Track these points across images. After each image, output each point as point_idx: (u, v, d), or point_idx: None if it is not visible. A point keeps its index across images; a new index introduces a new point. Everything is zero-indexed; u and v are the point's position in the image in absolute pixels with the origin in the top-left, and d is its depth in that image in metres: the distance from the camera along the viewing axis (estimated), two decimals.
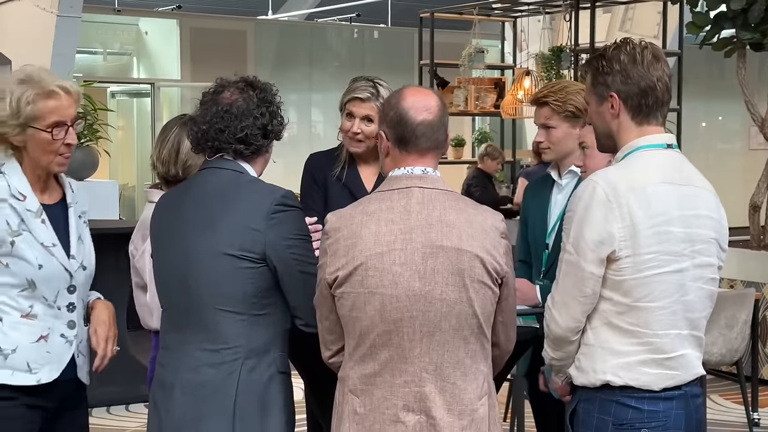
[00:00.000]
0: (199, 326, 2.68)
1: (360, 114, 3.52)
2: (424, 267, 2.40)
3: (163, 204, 2.87)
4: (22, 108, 2.73)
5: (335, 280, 2.45)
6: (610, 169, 2.60)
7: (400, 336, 2.41)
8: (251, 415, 2.65)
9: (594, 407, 2.55)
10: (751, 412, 5.82)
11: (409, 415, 2.41)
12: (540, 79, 8.85)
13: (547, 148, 3.44)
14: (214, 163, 2.76)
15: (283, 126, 2.82)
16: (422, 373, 2.41)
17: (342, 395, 2.50)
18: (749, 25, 7.03)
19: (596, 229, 2.48)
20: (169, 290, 2.78)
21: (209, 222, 2.68)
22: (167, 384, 2.74)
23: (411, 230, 2.42)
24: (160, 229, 2.82)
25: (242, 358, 2.64)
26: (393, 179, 2.51)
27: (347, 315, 2.45)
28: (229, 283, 2.65)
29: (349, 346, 2.49)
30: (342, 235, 2.45)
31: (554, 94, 3.40)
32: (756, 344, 6.01)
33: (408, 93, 2.52)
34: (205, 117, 2.74)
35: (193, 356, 2.68)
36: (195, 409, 2.67)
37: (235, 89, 2.76)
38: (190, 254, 2.69)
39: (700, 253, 2.55)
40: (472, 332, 2.45)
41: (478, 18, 9.66)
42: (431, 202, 2.45)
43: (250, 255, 2.64)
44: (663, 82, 2.59)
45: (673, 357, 2.54)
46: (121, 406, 6.20)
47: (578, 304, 2.53)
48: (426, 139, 2.49)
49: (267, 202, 2.65)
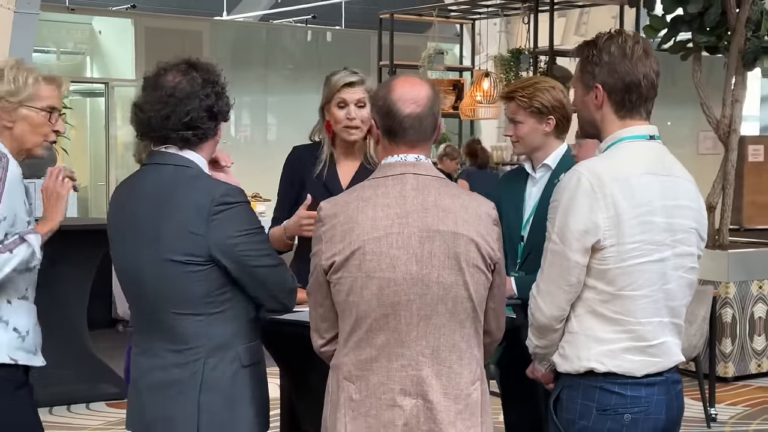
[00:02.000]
0: (160, 328, 2.67)
1: (353, 99, 3.47)
2: (421, 250, 2.42)
3: (114, 201, 2.80)
4: (21, 87, 2.83)
5: (332, 265, 2.45)
6: (594, 160, 2.63)
7: (398, 319, 2.42)
8: (217, 411, 2.63)
9: (578, 393, 2.59)
10: (708, 407, 5.92)
11: (406, 399, 2.42)
12: (499, 81, 8.92)
13: (517, 141, 3.49)
14: (157, 158, 2.68)
15: (230, 106, 2.72)
16: (419, 357, 2.43)
17: (336, 383, 2.49)
18: (705, 28, 7.16)
19: (581, 218, 2.51)
20: (129, 293, 2.76)
21: (151, 228, 2.62)
22: (137, 384, 2.73)
23: (407, 214, 2.43)
24: (112, 231, 2.76)
25: (203, 357, 2.62)
26: (387, 166, 2.52)
27: (344, 300, 2.46)
28: (179, 287, 2.61)
29: (344, 332, 2.49)
30: (338, 221, 2.45)
31: (522, 90, 3.45)
32: (713, 341, 6.12)
33: (398, 84, 2.53)
34: (148, 103, 2.62)
35: (161, 356, 2.67)
36: (163, 409, 2.66)
37: (177, 72, 2.64)
38: (138, 261, 2.66)
39: (680, 242, 2.60)
40: (468, 316, 2.47)
41: (437, 20, 9.71)
42: (426, 187, 2.47)
43: (195, 258, 2.59)
44: (649, 79, 2.62)
45: (655, 344, 2.58)
46: (82, 405, 6.12)
47: (563, 292, 2.55)
48: (414, 132, 2.49)
49: (206, 203, 2.58)
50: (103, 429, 5.75)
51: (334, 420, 2.48)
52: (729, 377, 6.93)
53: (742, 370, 7.01)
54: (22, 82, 2.85)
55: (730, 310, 6.89)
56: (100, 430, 5.74)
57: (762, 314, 7.06)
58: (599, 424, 2.56)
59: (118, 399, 6.06)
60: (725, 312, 6.87)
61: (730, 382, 6.92)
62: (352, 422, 2.44)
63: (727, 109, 7.15)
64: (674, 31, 7.32)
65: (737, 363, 6.98)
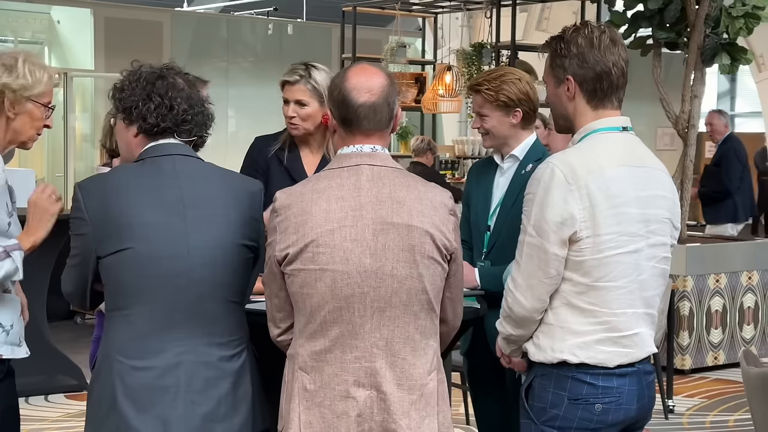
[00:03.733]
0: (204, 320, 2.58)
1: (291, 98, 3.54)
2: (375, 243, 2.42)
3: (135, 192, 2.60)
4: (37, 82, 2.89)
5: (285, 257, 2.44)
6: (567, 152, 2.64)
7: (351, 312, 2.42)
8: (261, 401, 2.67)
9: (550, 382, 2.60)
10: (666, 399, 5.99)
11: (360, 390, 2.42)
12: (461, 75, 8.95)
13: (485, 134, 3.48)
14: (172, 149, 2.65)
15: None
16: (373, 349, 2.43)
17: (291, 373, 2.49)
18: (665, 24, 7.22)
19: (557, 210, 2.52)
20: (148, 290, 2.56)
21: (217, 212, 2.60)
22: (169, 387, 2.54)
23: (361, 207, 2.43)
24: (145, 222, 2.56)
25: (245, 347, 2.66)
26: (342, 157, 2.51)
27: (298, 292, 2.45)
28: (242, 273, 2.64)
29: (299, 323, 2.49)
30: (292, 212, 2.45)
31: (488, 83, 3.40)
32: (671, 334, 6.19)
33: (352, 73, 2.51)
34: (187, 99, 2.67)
35: (200, 352, 2.57)
36: (216, 405, 2.57)
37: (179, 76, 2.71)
38: (205, 244, 2.58)
39: (654, 232, 2.62)
40: (422, 308, 2.47)
41: (400, 13, 9.72)
42: (381, 179, 2.46)
43: (254, 244, 2.66)
44: (618, 67, 2.64)
45: (628, 335, 2.60)
46: (40, 397, 6.07)
47: (543, 285, 2.57)
48: (368, 121, 2.48)
49: (257, 191, 2.70)
50: (62, 421, 5.70)
51: (288, 409, 2.48)
52: (686, 369, 7.01)
53: (699, 363, 7.09)
54: (38, 77, 2.89)
55: (687, 304, 6.97)
56: (59, 421, 5.69)
57: (719, 308, 7.14)
58: (570, 413, 2.58)
59: (77, 391, 6.02)
60: (683, 305, 6.95)
61: (688, 375, 7.00)
62: (306, 412, 2.44)
63: (686, 104, 7.21)
64: (635, 27, 7.38)
65: (694, 355, 7.06)
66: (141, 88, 2.64)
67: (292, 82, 3.52)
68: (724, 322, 7.17)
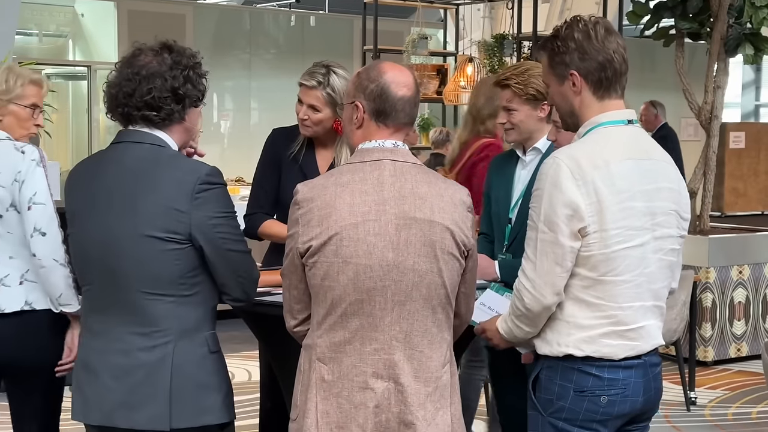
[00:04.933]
0: (125, 309, 2.61)
1: (306, 102, 3.55)
2: (398, 238, 2.44)
3: (76, 179, 2.74)
4: (11, 87, 3.35)
5: (308, 249, 2.46)
6: (572, 146, 2.65)
7: (372, 305, 2.44)
8: (187, 397, 2.61)
9: (556, 375, 2.62)
10: (688, 391, 5.98)
11: (378, 381, 2.45)
12: (483, 66, 8.93)
13: (510, 128, 3.48)
14: (131, 136, 2.67)
15: (201, 93, 2.71)
16: (392, 341, 2.46)
17: (308, 363, 2.52)
18: (688, 15, 7.18)
19: (567, 203, 2.53)
20: (90, 271, 2.68)
21: (130, 202, 2.59)
22: (92, 367, 2.66)
23: (384, 202, 2.46)
24: (76, 207, 2.70)
25: (174, 340, 2.60)
26: (364, 152, 2.53)
27: (319, 284, 2.47)
28: (155, 265, 2.58)
29: (318, 314, 2.51)
30: (315, 205, 2.47)
31: (516, 77, 3.42)
32: (693, 326, 6.17)
33: (387, 67, 2.58)
34: (116, 80, 2.66)
35: (122, 340, 2.61)
36: (128, 394, 2.60)
37: (150, 52, 2.67)
38: (111, 236, 2.61)
39: (660, 225, 2.62)
40: (440, 302, 2.50)
41: (421, 5, 9.71)
42: (403, 174, 2.49)
43: (175, 236, 2.57)
44: (619, 54, 2.65)
45: (634, 328, 2.61)
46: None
47: (561, 279, 2.57)
48: (405, 114, 2.55)
49: (191, 181, 2.57)
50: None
51: (305, 399, 2.50)
52: (709, 361, 7.00)
53: (721, 355, 7.07)
54: (12, 83, 3.34)
55: (710, 295, 6.95)
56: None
57: (741, 299, 7.12)
58: (576, 405, 2.60)
59: None
60: (705, 297, 6.92)
61: (710, 366, 6.99)
62: (324, 402, 2.47)
63: (709, 95, 7.18)
64: (657, 18, 7.34)
65: (717, 347, 7.04)
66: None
67: (309, 86, 3.53)
68: (747, 313, 7.14)
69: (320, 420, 2.47)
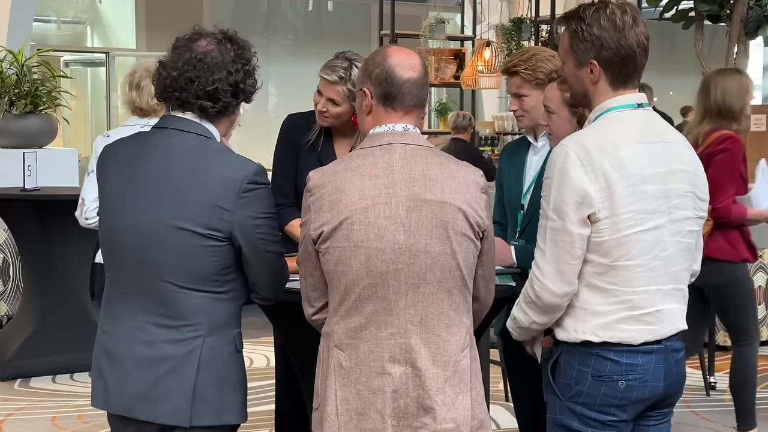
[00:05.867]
0: (153, 299, 2.56)
1: (326, 95, 3.52)
2: (409, 220, 2.43)
3: (115, 160, 2.65)
4: None
5: (320, 235, 2.46)
6: (581, 133, 2.63)
7: (386, 289, 2.44)
8: (210, 393, 2.57)
9: (574, 359, 2.62)
10: (707, 376, 5.95)
11: (395, 366, 2.44)
12: (500, 50, 8.90)
13: (522, 115, 3.47)
14: (177, 123, 2.59)
15: (256, 89, 2.67)
16: (408, 325, 2.45)
17: (327, 350, 2.52)
18: None
19: (575, 190, 2.52)
20: (120, 257, 2.61)
21: (173, 193, 2.53)
22: (116, 356, 2.60)
23: (395, 184, 2.45)
24: (114, 187, 2.62)
25: (203, 336, 2.56)
26: (374, 136, 2.53)
27: (332, 270, 2.47)
28: (191, 260, 2.53)
29: (334, 301, 2.50)
30: (326, 190, 2.47)
31: (524, 62, 3.41)
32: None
33: (392, 51, 2.57)
34: (177, 63, 2.56)
35: (147, 330, 2.56)
36: (150, 386, 2.56)
37: (213, 39, 2.60)
38: (149, 225, 2.54)
39: (676, 207, 2.61)
40: (456, 284, 2.48)
41: None
42: (413, 157, 2.48)
43: (216, 233, 2.52)
44: (642, 47, 2.62)
45: (651, 312, 2.59)
46: (85, 373, 6.12)
47: (571, 267, 2.56)
48: (412, 97, 2.53)
49: (238, 179, 2.52)
50: None
51: (324, 387, 2.50)
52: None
53: None
54: None
55: None
56: None
57: (762, 283, 7.07)
58: (594, 389, 2.59)
59: None
60: None
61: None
62: (343, 389, 2.46)
63: None
64: (676, 0, 7.29)
65: None
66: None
67: (330, 81, 3.49)
68: (767, 298, 7.09)
69: (340, 407, 2.46)
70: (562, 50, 2.72)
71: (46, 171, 6.46)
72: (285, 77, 14.00)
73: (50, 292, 6.06)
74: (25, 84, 7.05)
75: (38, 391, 5.85)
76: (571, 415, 2.63)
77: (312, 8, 14.20)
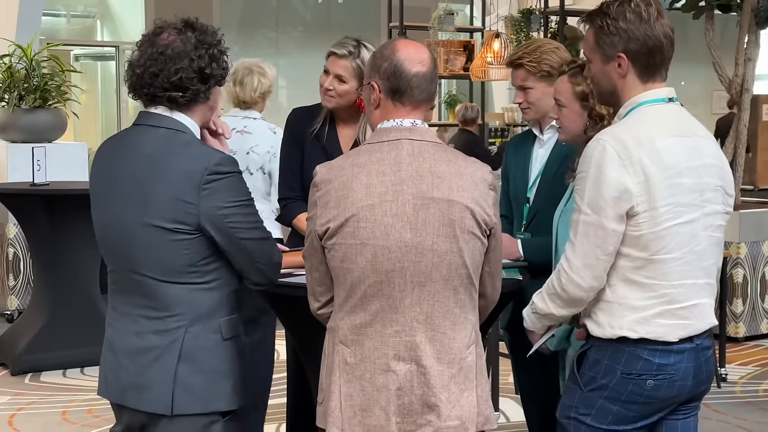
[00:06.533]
0: (141, 293, 2.61)
1: (333, 71, 3.52)
2: (416, 218, 2.42)
3: (98, 161, 2.74)
4: None
5: (326, 231, 2.45)
6: (616, 127, 2.62)
7: (392, 286, 2.42)
8: (195, 382, 2.60)
9: (605, 354, 2.60)
10: (719, 367, 5.93)
11: (400, 364, 2.43)
12: (510, 42, 8.87)
13: (527, 108, 3.46)
14: (150, 119, 2.63)
15: (226, 71, 2.67)
16: (413, 323, 2.44)
17: (332, 346, 2.51)
18: None
19: (613, 185, 2.50)
20: (110, 254, 2.70)
21: (140, 190, 2.57)
22: (114, 346, 2.67)
23: (402, 182, 2.43)
24: (96, 190, 2.71)
25: (186, 326, 2.59)
26: (382, 131, 2.51)
27: (338, 266, 2.46)
28: (163, 255, 2.56)
29: (339, 297, 2.50)
30: (333, 186, 2.45)
31: (528, 55, 3.40)
32: (724, 302, 6.11)
33: (401, 45, 2.54)
34: (140, 60, 2.60)
35: (137, 322, 2.62)
36: (137, 376, 2.61)
37: (173, 30, 2.62)
38: (123, 223, 2.60)
39: (709, 201, 2.60)
40: (462, 282, 2.47)
41: None
42: (421, 153, 2.46)
43: (184, 227, 2.54)
44: (669, 38, 2.61)
45: (687, 306, 2.58)
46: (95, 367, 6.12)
47: (601, 263, 2.55)
48: (420, 91, 2.50)
49: (198, 171, 2.52)
50: None
51: (329, 382, 2.49)
52: (740, 337, 6.93)
53: (753, 330, 7.00)
54: None
55: (741, 271, 6.88)
56: None
57: (739, 279, 7.01)
58: (621, 386, 2.58)
59: None
60: (736, 272, 6.86)
61: (741, 342, 6.92)
62: (347, 384, 2.46)
63: (739, 68, 7.07)
64: None
65: (748, 323, 6.97)
66: None
67: (339, 55, 3.50)
68: (745, 293, 7.04)
69: (344, 403, 2.46)
70: (587, 49, 2.70)
71: (56, 165, 6.47)
72: (295, 69, 13.99)
73: (60, 286, 6.07)
74: (34, 79, 7.06)
75: (49, 386, 5.86)
76: (589, 407, 2.61)
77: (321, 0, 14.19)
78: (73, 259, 6.01)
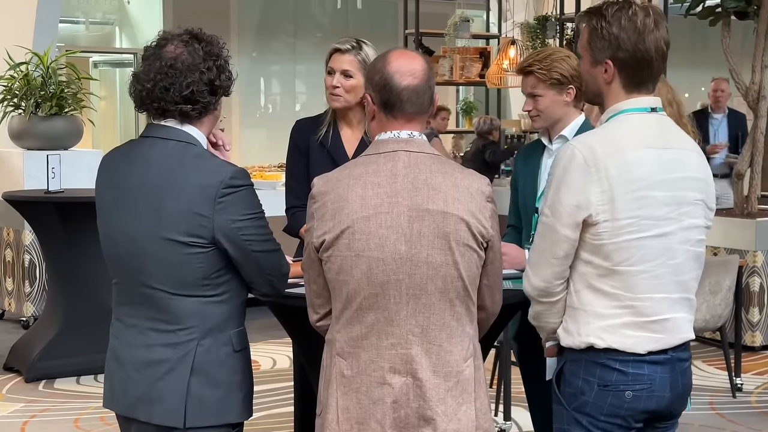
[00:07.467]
0: (151, 305, 2.60)
1: (338, 68, 3.53)
2: (411, 230, 2.41)
3: (104, 172, 2.70)
4: None
5: (322, 243, 2.45)
6: (590, 133, 2.60)
7: (387, 299, 2.42)
8: (206, 395, 2.60)
9: (579, 369, 2.58)
10: (734, 377, 5.88)
11: (396, 377, 2.43)
12: (525, 49, 8.85)
13: (536, 116, 3.45)
14: (159, 131, 2.62)
15: (232, 81, 2.66)
16: (408, 336, 2.43)
17: (329, 358, 2.51)
18: None
19: (573, 193, 2.49)
20: (116, 267, 2.68)
21: (153, 204, 2.56)
22: (121, 359, 2.67)
23: (397, 194, 2.42)
24: (102, 202, 2.69)
25: (197, 339, 2.59)
26: (379, 143, 2.50)
27: (334, 278, 2.46)
28: (177, 268, 2.56)
29: (336, 309, 2.49)
30: (329, 198, 2.45)
31: (539, 62, 3.40)
32: (739, 311, 6.07)
33: (393, 57, 2.51)
34: (149, 74, 2.57)
35: (147, 335, 2.62)
36: (148, 389, 2.61)
37: (179, 42, 2.58)
38: (135, 237, 2.59)
39: (687, 215, 2.56)
40: (458, 295, 2.46)
41: None
42: (417, 165, 2.45)
43: (198, 240, 2.54)
44: (660, 53, 2.57)
45: (657, 320, 2.55)
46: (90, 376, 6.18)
47: (550, 265, 2.54)
48: (411, 105, 2.47)
49: (213, 185, 2.52)
50: None
51: (326, 395, 2.49)
52: (756, 346, 6.87)
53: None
54: None
55: (758, 279, 6.82)
56: None
57: (756, 288, 6.95)
58: (600, 400, 2.55)
59: None
60: (753, 281, 6.80)
61: (758, 352, 6.86)
62: (344, 397, 2.45)
63: (756, 75, 7.03)
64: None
65: (765, 332, 6.91)
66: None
67: (343, 50, 3.53)
68: (761, 302, 6.98)
69: (341, 416, 2.45)
70: (580, 45, 2.68)
71: (71, 173, 6.50)
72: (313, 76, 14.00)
73: (74, 293, 6.10)
74: (51, 86, 7.10)
75: (62, 393, 5.89)
76: (577, 426, 2.59)
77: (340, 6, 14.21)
78: (87, 267, 6.03)
